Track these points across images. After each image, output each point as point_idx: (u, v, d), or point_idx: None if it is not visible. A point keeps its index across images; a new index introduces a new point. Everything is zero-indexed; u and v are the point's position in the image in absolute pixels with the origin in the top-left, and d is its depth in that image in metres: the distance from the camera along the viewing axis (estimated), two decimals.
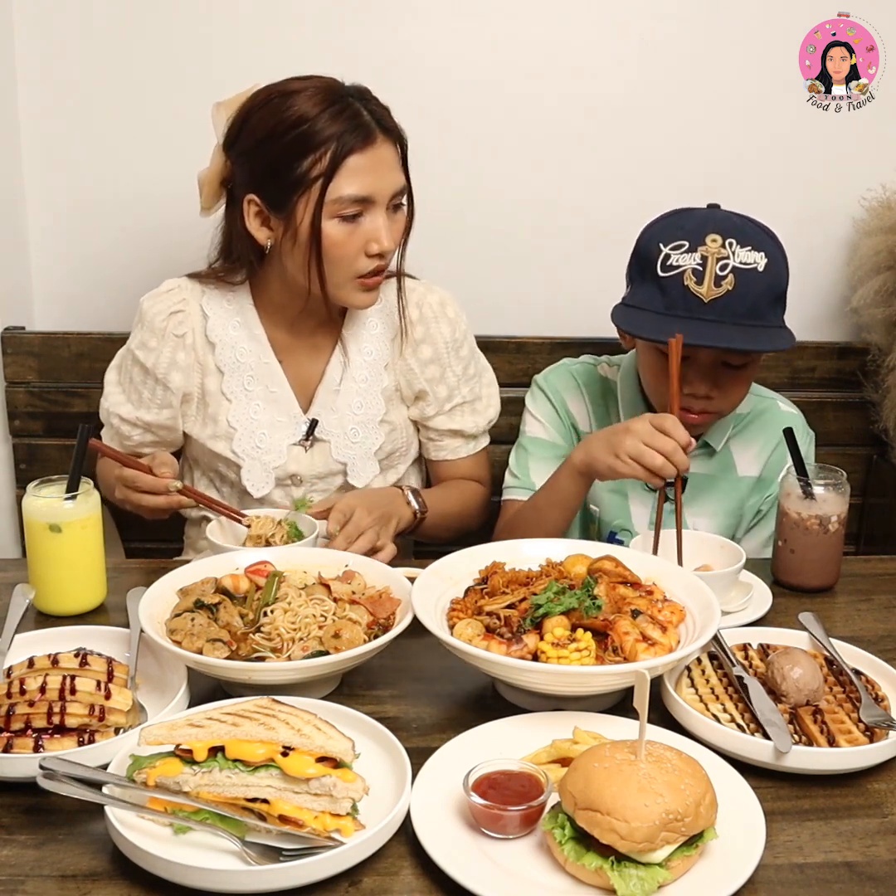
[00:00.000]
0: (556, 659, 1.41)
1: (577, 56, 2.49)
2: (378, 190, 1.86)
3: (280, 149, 1.84)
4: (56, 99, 2.46)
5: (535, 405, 2.15)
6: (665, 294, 1.86)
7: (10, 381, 2.47)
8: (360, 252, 1.88)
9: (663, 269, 1.87)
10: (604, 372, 2.16)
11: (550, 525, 1.94)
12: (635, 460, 1.74)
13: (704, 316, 1.83)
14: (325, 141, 1.82)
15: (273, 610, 1.51)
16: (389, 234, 1.88)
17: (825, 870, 1.19)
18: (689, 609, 1.52)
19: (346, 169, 1.83)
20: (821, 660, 1.52)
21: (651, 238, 1.92)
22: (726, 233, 1.86)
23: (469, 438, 2.17)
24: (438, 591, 1.57)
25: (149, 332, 2.02)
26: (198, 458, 2.14)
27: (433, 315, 2.09)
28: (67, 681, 1.34)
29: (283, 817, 1.18)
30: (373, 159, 1.85)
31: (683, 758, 1.19)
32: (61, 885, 1.14)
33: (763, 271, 1.85)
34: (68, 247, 2.55)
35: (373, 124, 1.85)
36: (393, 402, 2.11)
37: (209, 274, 2.06)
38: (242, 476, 2.05)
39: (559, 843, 1.15)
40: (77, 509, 1.69)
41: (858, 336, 2.60)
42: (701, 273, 1.84)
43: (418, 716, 1.46)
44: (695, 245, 1.86)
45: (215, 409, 2.05)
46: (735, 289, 1.83)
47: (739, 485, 2.09)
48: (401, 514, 1.98)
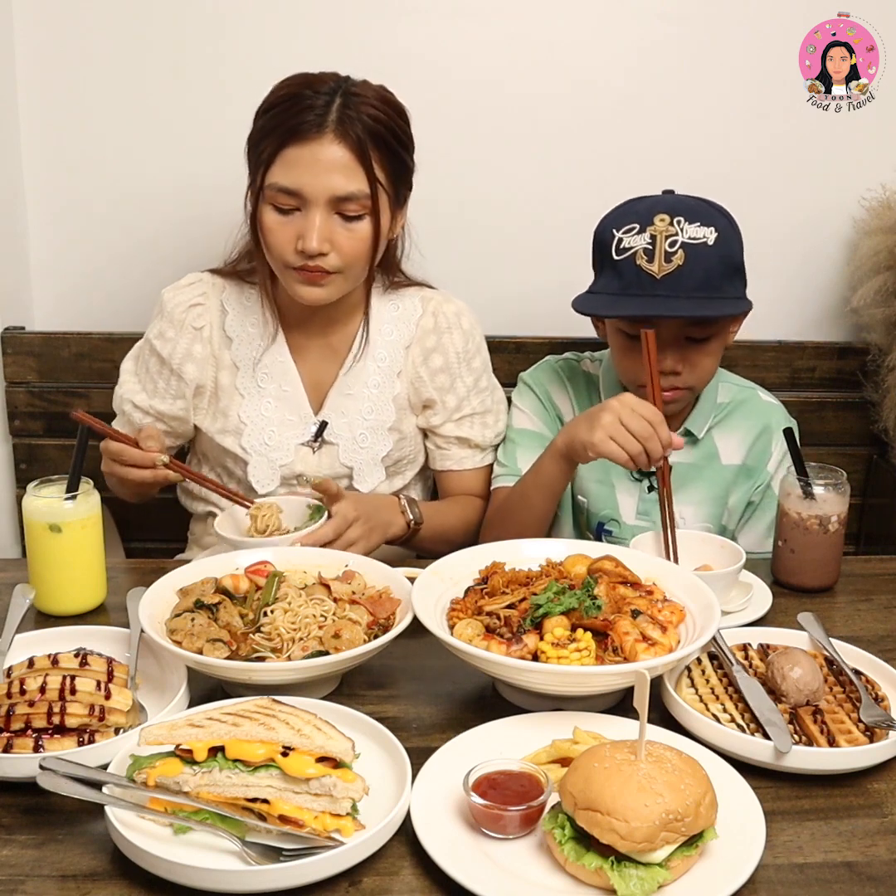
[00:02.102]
0: (557, 659, 1.41)
1: (577, 56, 2.48)
2: (309, 187, 1.83)
3: (253, 133, 1.92)
4: (55, 99, 2.45)
5: (521, 399, 2.18)
6: (621, 277, 1.91)
7: (10, 381, 2.47)
8: (291, 244, 1.87)
9: (617, 252, 1.93)
10: (587, 367, 2.20)
11: (536, 509, 1.97)
12: (612, 438, 1.76)
13: (658, 292, 1.88)
14: (275, 128, 1.85)
15: (273, 610, 1.51)
16: (319, 236, 1.84)
17: (825, 870, 1.19)
18: (689, 609, 1.53)
19: (282, 159, 1.84)
20: (821, 660, 1.52)
21: (606, 226, 1.99)
22: (675, 212, 1.92)
23: (475, 449, 2.16)
24: (438, 591, 1.57)
25: (167, 323, 2.04)
26: (206, 453, 2.14)
27: (447, 325, 2.09)
28: (67, 681, 1.34)
29: (283, 817, 1.18)
30: (311, 155, 1.83)
31: (683, 758, 1.19)
32: (61, 885, 1.14)
33: (713, 245, 1.89)
34: (68, 247, 2.55)
35: (328, 122, 1.82)
36: (404, 411, 2.11)
37: (230, 272, 2.07)
38: (249, 472, 2.05)
39: (559, 843, 1.15)
40: (77, 509, 1.69)
41: (858, 336, 2.60)
42: (651, 251, 1.89)
43: (418, 716, 1.46)
44: (644, 226, 1.91)
45: (227, 404, 2.06)
46: (685, 264, 1.88)
47: (724, 472, 2.10)
48: (393, 522, 1.98)
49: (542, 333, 2.51)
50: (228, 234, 2.05)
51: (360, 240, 1.88)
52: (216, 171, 2.47)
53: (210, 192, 2.47)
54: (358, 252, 1.89)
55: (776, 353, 2.53)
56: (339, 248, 1.87)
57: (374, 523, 1.90)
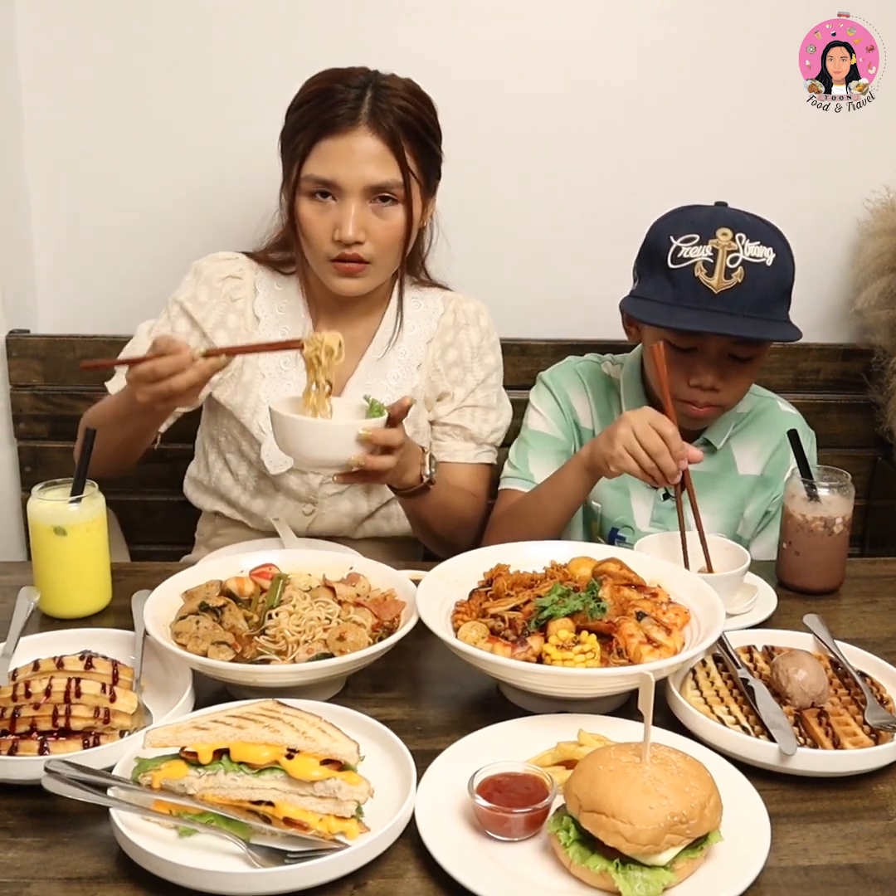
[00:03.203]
0: (561, 661, 1.40)
1: (578, 56, 2.48)
2: (344, 178, 1.88)
3: (286, 129, 1.96)
4: (59, 103, 2.46)
5: (539, 400, 2.16)
6: (675, 285, 1.88)
7: (15, 384, 2.48)
8: (328, 234, 1.92)
9: (674, 261, 1.88)
10: (607, 370, 2.17)
11: (550, 518, 1.95)
12: (629, 452, 1.76)
13: (714, 307, 1.85)
14: (309, 123, 1.90)
15: (278, 612, 1.51)
16: (355, 224, 1.89)
17: (830, 872, 1.18)
18: (693, 611, 1.52)
19: (317, 151, 1.90)
20: (826, 662, 1.52)
21: (661, 232, 1.94)
22: (736, 227, 1.89)
23: (470, 442, 2.14)
24: (443, 594, 1.57)
25: (205, 287, 2.06)
26: (216, 438, 2.14)
27: (465, 321, 2.14)
28: (72, 683, 1.34)
29: (288, 820, 1.18)
30: (345, 147, 1.88)
31: (688, 760, 1.19)
32: (66, 887, 1.14)
33: (771, 266, 1.87)
34: (72, 250, 2.55)
35: (361, 115, 1.88)
36: (420, 404, 2.12)
37: (263, 258, 2.11)
38: (262, 451, 2.05)
39: (564, 846, 1.15)
40: (82, 512, 1.69)
41: (863, 338, 2.60)
42: (711, 265, 1.86)
43: (423, 718, 1.46)
44: (706, 238, 1.87)
45: (250, 379, 2.06)
46: (744, 282, 1.85)
47: (740, 483, 2.09)
48: (411, 469, 1.90)
49: (546, 336, 2.51)
50: (231, 234, 2.06)
51: (393, 227, 1.93)
52: (220, 173, 2.49)
53: (214, 194, 2.49)
54: (392, 240, 1.94)
55: (780, 354, 2.53)
56: (374, 237, 1.92)
57: (403, 461, 1.84)
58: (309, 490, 2.09)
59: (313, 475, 2.07)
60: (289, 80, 1.97)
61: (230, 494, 2.14)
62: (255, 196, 2.17)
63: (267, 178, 2.05)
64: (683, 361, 1.92)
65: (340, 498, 2.11)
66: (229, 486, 2.14)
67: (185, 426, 2.19)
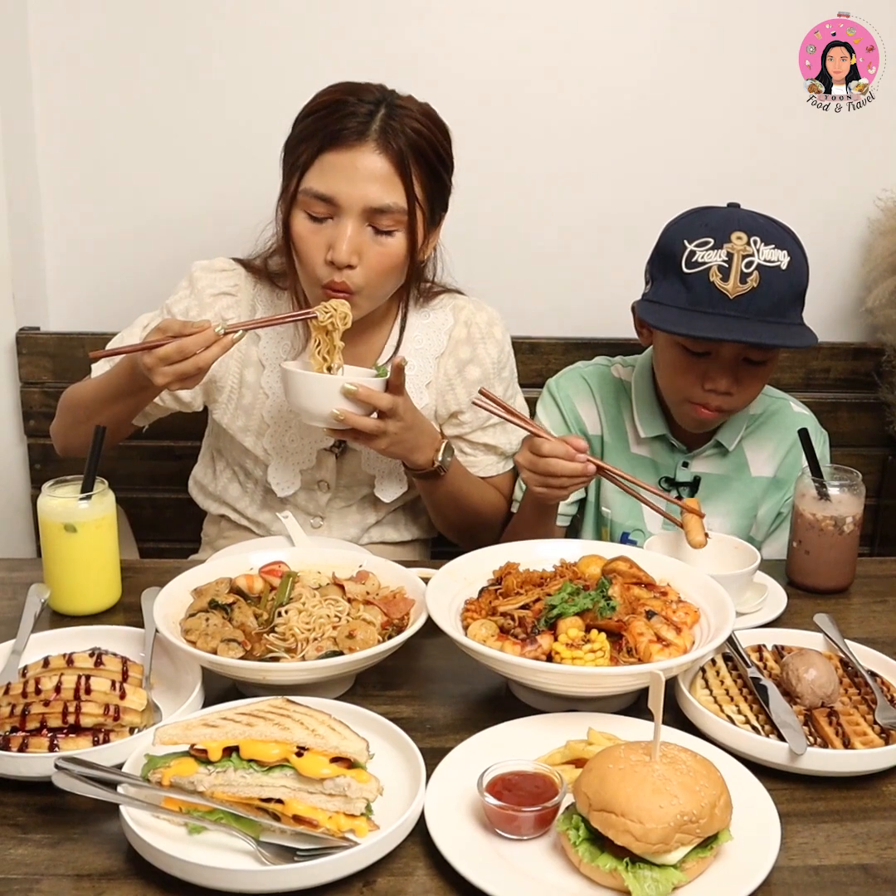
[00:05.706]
0: (571, 660, 1.40)
1: (592, 57, 2.48)
2: (344, 195, 1.79)
3: (291, 138, 1.88)
4: (71, 103, 2.46)
5: (545, 412, 2.15)
6: (690, 290, 1.87)
7: (26, 381, 2.48)
8: (321, 254, 1.82)
9: (688, 265, 1.87)
10: (617, 373, 2.15)
11: (540, 534, 1.95)
12: (542, 486, 1.81)
13: (729, 312, 1.84)
14: (315, 133, 1.82)
15: (287, 610, 1.51)
16: (349, 246, 1.79)
17: (840, 872, 1.18)
18: (703, 610, 1.52)
19: (319, 163, 1.81)
20: (836, 661, 1.51)
21: (675, 235, 1.93)
22: (751, 231, 1.87)
23: (501, 457, 2.12)
24: (452, 592, 1.57)
25: (196, 302, 1.99)
26: (223, 450, 2.13)
27: (481, 336, 2.05)
28: (82, 680, 1.35)
29: (298, 817, 1.18)
30: (349, 162, 1.79)
31: (698, 759, 1.19)
32: (76, 884, 1.15)
33: (786, 270, 1.86)
34: (83, 248, 2.56)
35: (370, 131, 1.79)
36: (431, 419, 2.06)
37: (262, 268, 2.03)
38: (269, 474, 2.04)
39: (573, 845, 1.15)
40: (92, 509, 1.69)
41: (873, 336, 2.59)
42: (727, 270, 1.85)
43: (432, 716, 1.46)
44: (720, 242, 1.86)
45: (251, 402, 2.03)
46: (759, 286, 1.84)
47: (753, 485, 2.08)
48: (423, 450, 1.89)
49: (555, 334, 2.51)
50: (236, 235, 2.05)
51: (389, 255, 1.84)
52: (226, 177, 2.49)
53: (222, 197, 2.49)
54: (386, 268, 1.84)
55: (791, 353, 2.52)
56: (368, 263, 1.82)
57: (408, 436, 1.83)
58: (317, 507, 2.08)
59: (321, 493, 2.06)
60: (301, 86, 1.92)
61: (237, 504, 2.12)
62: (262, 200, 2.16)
63: (274, 184, 2.03)
64: (698, 365, 1.91)
65: (349, 511, 2.10)
66: (237, 497, 2.12)
67: (193, 424, 2.19)
